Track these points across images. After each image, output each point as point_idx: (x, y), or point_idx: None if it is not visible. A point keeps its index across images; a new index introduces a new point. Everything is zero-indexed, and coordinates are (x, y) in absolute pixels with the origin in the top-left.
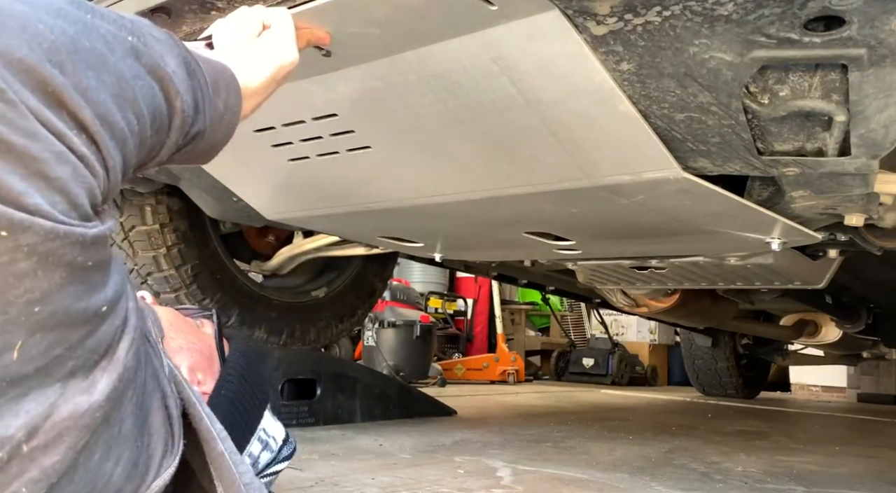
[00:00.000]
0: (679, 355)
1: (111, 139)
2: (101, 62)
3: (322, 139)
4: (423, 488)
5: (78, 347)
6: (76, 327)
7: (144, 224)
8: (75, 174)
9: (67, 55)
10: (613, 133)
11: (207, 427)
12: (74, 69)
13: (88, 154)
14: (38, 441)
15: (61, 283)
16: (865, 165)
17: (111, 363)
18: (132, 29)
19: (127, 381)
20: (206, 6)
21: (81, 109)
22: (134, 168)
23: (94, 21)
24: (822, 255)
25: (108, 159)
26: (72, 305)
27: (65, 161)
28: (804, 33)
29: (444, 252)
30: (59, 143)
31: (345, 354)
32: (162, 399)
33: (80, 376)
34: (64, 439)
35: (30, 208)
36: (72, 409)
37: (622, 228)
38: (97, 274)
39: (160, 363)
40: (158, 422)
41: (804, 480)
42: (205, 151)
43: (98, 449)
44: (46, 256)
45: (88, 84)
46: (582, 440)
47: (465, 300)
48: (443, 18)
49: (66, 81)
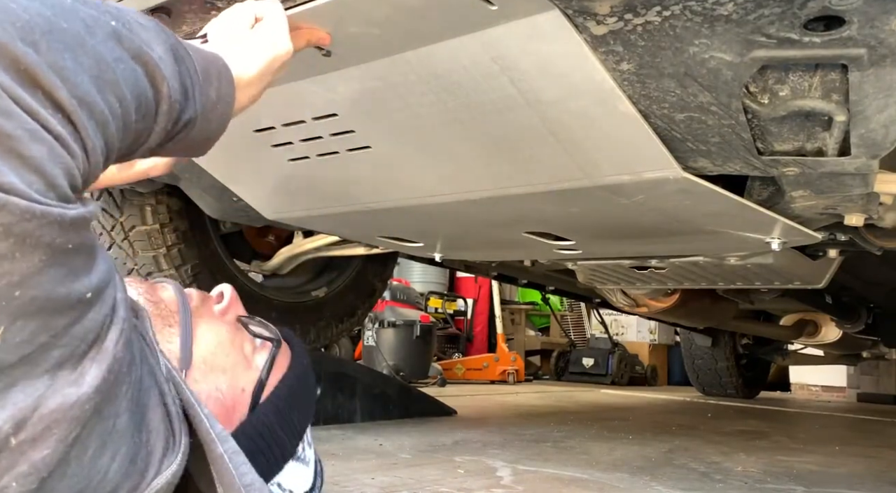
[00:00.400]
0: (679, 355)
1: (90, 120)
2: (79, 44)
3: (322, 139)
4: (423, 488)
5: (63, 334)
6: (60, 313)
7: (144, 224)
8: (52, 154)
9: (42, 35)
10: (613, 133)
11: (207, 429)
12: (49, 49)
13: (65, 134)
14: (27, 434)
15: (41, 265)
16: (865, 165)
17: (100, 354)
18: (116, 15)
19: (119, 373)
20: (206, 6)
21: (57, 88)
22: (120, 154)
23: (74, 5)
24: (822, 255)
25: (86, 141)
26: (53, 289)
27: (40, 140)
28: (804, 33)
29: (444, 252)
30: (33, 121)
31: (345, 354)
32: (160, 396)
33: (68, 368)
34: (53, 431)
35: (4, 187)
36: (60, 400)
37: (622, 228)
38: (79, 258)
39: (156, 361)
40: (157, 419)
41: (804, 480)
42: (199, 141)
43: (92, 443)
44: (23, 236)
45: (65, 64)
46: (582, 439)
47: (465, 300)
48: (443, 18)
49: (39, 60)
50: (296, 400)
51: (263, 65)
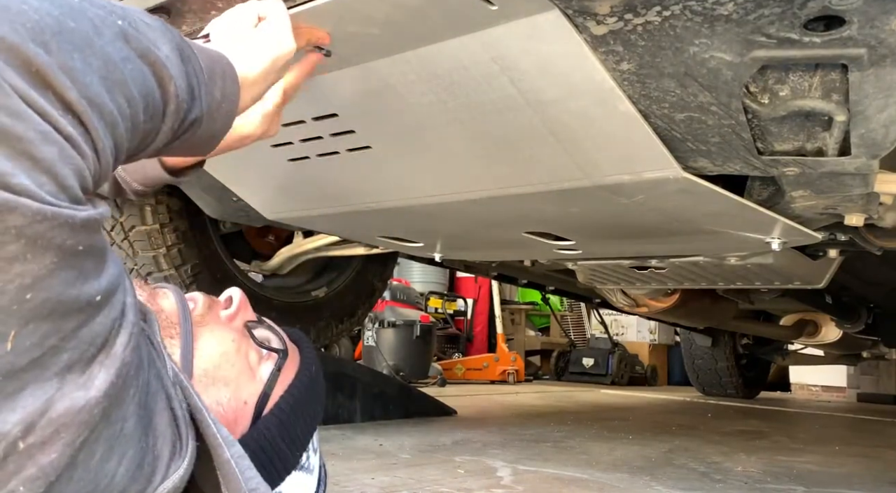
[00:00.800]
0: (679, 355)
1: (100, 121)
2: (88, 44)
3: (322, 139)
4: (423, 488)
5: (72, 337)
6: (70, 315)
7: (144, 224)
8: (62, 155)
9: (52, 36)
10: (613, 133)
11: (213, 433)
12: (59, 49)
13: (76, 135)
14: (35, 438)
15: (52, 267)
16: (865, 165)
17: (108, 358)
18: (123, 14)
19: (127, 377)
20: (206, 6)
21: (67, 89)
22: (129, 154)
23: (82, 4)
24: (822, 255)
25: (97, 141)
26: (64, 291)
27: (51, 141)
28: (804, 33)
29: (444, 252)
30: (45, 122)
31: (345, 354)
32: (167, 401)
33: (76, 371)
34: (61, 435)
35: (15, 189)
36: (69, 404)
37: (622, 228)
38: (89, 260)
39: (163, 365)
40: (164, 423)
41: (804, 480)
42: (204, 140)
43: (99, 448)
44: (35, 238)
45: (74, 65)
46: (582, 439)
47: (465, 300)
48: (443, 18)
49: (51, 61)
50: (301, 411)
51: (267, 63)
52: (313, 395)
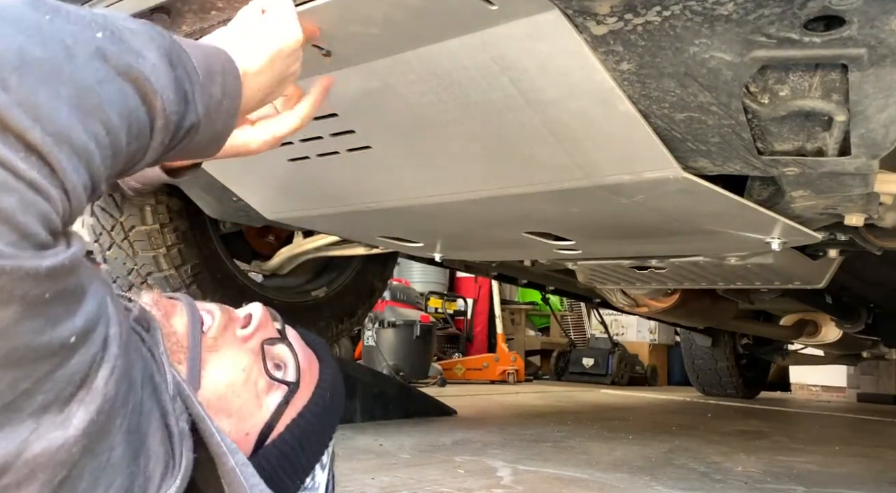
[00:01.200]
0: (679, 355)
1: (70, 157)
2: (56, 73)
3: (322, 139)
4: (423, 488)
5: (46, 380)
6: (42, 360)
7: (144, 224)
8: (22, 202)
9: (12, 71)
10: (613, 133)
11: (217, 442)
12: (20, 85)
13: (38, 179)
14: (10, 479)
15: (17, 318)
16: (865, 165)
17: (89, 394)
18: (104, 24)
19: (112, 410)
20: (206, 6)
21: (27, 129)
22: (116, 177)
23: (54, 23)
24: (822, 255)
25: (65, 180)
26: (32, 339)
27: (9, 190)
28: (804, 33)
29: (444, 252)
30: (3, 170)
31: (345, 354)
32: (161, 418)
33: (53, 411)
34: (38, 476)
35: None
36: (45, 445)
37: (622, 228)
38: (59, 306)
39: (163, 379)
40: (157, 443)
41: (804, 480)
42: (206, 142)
43: (83, 482)
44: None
45: (38, 100)
46: (582, 439)
47: (465, 300)
48: (443, 18)
49: (8, 100)
50: (308, 440)
51: (272, 53)
52: (323, 426)
